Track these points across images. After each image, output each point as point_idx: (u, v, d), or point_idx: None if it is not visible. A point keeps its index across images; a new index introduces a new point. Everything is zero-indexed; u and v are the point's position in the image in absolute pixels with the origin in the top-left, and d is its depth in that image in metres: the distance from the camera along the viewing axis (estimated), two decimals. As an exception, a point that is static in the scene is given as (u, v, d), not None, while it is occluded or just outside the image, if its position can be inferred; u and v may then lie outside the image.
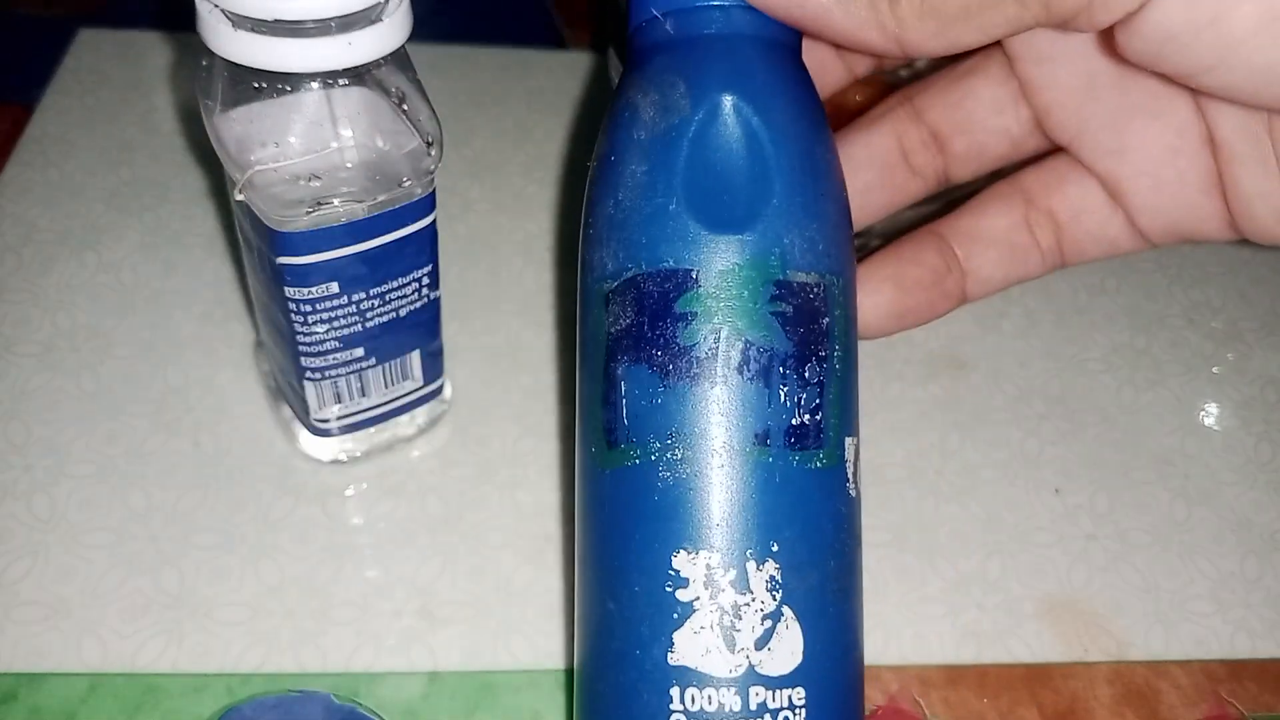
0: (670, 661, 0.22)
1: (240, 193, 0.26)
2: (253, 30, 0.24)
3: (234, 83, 0.26)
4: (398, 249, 0.28)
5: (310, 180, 0.27)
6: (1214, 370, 0.41)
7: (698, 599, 0.22)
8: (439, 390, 0.34)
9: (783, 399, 0.22)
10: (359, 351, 0.30)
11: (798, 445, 0.22)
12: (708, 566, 0.22)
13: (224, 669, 0.28)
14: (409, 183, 0.28)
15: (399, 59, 0.26)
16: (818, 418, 0.23)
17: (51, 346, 0.36)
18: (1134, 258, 0.45)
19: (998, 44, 0.27)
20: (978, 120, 0.28)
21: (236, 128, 0.26)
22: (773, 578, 0.22)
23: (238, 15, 0.24)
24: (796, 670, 0.22)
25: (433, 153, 0.28)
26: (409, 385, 0.32)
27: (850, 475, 0.23)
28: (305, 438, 0.33)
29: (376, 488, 0.33)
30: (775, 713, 0.21)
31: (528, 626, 0.30)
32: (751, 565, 0.22)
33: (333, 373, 0.30)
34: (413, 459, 0.34)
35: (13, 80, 0.46)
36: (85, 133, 0.44)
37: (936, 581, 0.33)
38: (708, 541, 0.22)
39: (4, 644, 0.28)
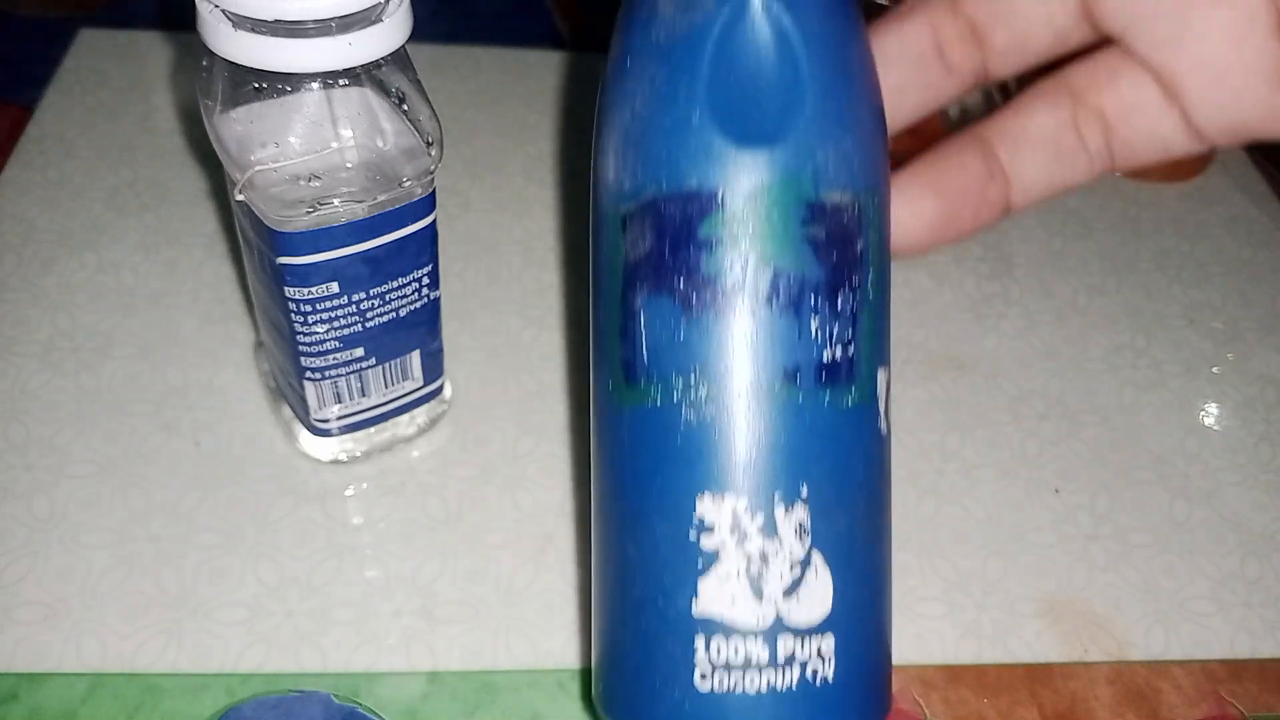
0: (695, 611, 0.21)
1: (240, 193, 0.26)
2: (253, 30, 0.24)
3: (234, 83, 0.26)
4: (398, 249, 0.28)
5: (310, 180, 0.27)
6: (1214, 370, 0.41)
7: (723, 545, 0.21)
8: (439, 390, 0.34)
9: (814, 333, 0.21)
10: (359, 351, 0.30)
11: (829, 382, 0.21)
12: (734, 511, 0.21)
13: (224, 669, 0.28)
14: (409, 183, 0.28)
15: (399, 59, 0.26)
16: (850, 351, 0.21)
17: (51, 346, 0.36)
18: (1134, 257, 0.45)
19: None
20: (1019, 9, 0.26)
21: (237, 128, 0.26)
22: (801, 523, 0.21)
23: (238, 15, 0.24)
24: (826, 619, 0.21)
25: (433, 153, 0.28)
26: (409, 385, 0.32)
27: (882, 411, 0.22)
28: (305, 438, 0.33)
29: (376, 488, 0.33)
30: (804, 663, 0.21)
31: (528, 626, 0.30)
32: (780, 510, 0.21)
33: (333, 373, 0.30)
34: (413, 459, 0.34)
35: (13, 80, 0.46)
36: (85, 133, 0.44)
37: (936, 581, 0.33)
38: (734, 485, 0.21)
39: (4, 644, 0.28)
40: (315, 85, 0.26)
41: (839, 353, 0.21)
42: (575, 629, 0.30)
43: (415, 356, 0.32)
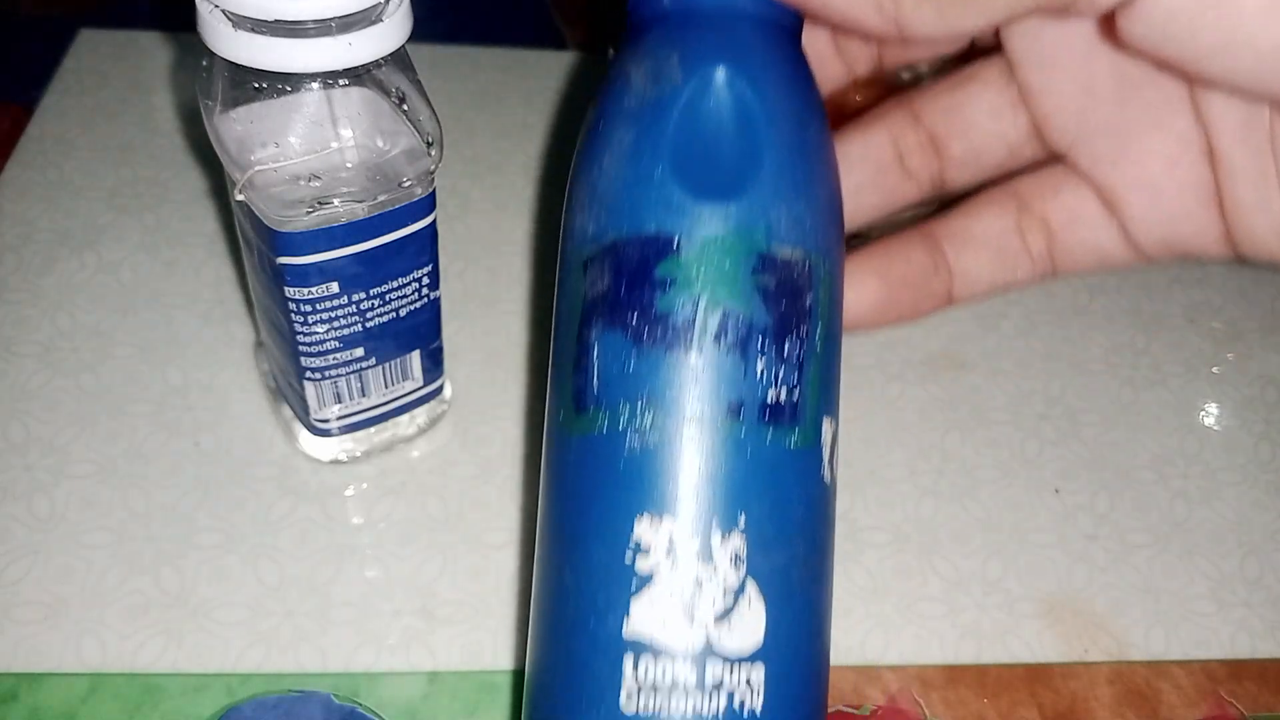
0: (625, 632, 0.21)
1: (240, 193, 0.26)
2: (253, 30, 0.24)
3: (234, 83, 0.26)
4: (398, 249, 0.28)
5: (310, 180, 0.27)
6: (1214, 370, 0.41)
7: (658, 567, 0.21)
8: (439, 390, 0.34)
9: (759, 373, 0.22)
10: (359, 351, 0.30)
11: (772, 421, 0.22)
12: (670, 535, 0.21)
13: (224, 669, 0.28)
14: (409, 183, 0.28)
15: (399, 59, 0.26)
16: (794, 395, 0.22)
17: (51, 346, 0.36)
18: (1134, 258, 0.45)
19: (998, 49, 0.27)
20: (976, 125, 0.28)
21: (237, 128, 0.26)
22: (737, 552, 0.21)
23: (238, 15, 0.24)
24: (757, 649, 0.21)
25: (433, 153, 0.28)
26: (409, 385, 0.32)
27: (825, 459, 0.23)
28: (305, 438, 0.33)
29: (376, 488, 0.33)
30: (731, 692, 0.21)
31: (528, 626, 0.30)
32: (716, 536, 0.21)
33: (333, 373, 0.30)
34: (413, 459, 0.34)
35: (13, 80, 0.46)
36: (85, 133, 0.44)
37: (936, 581, 0.33)
38: (671, 509, 0.21)
39: (4, 644, 0.28)
40: (315, 85, 0.26)
41: (783, 395, 0.22)
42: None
43: (415, 356, 0.32)
